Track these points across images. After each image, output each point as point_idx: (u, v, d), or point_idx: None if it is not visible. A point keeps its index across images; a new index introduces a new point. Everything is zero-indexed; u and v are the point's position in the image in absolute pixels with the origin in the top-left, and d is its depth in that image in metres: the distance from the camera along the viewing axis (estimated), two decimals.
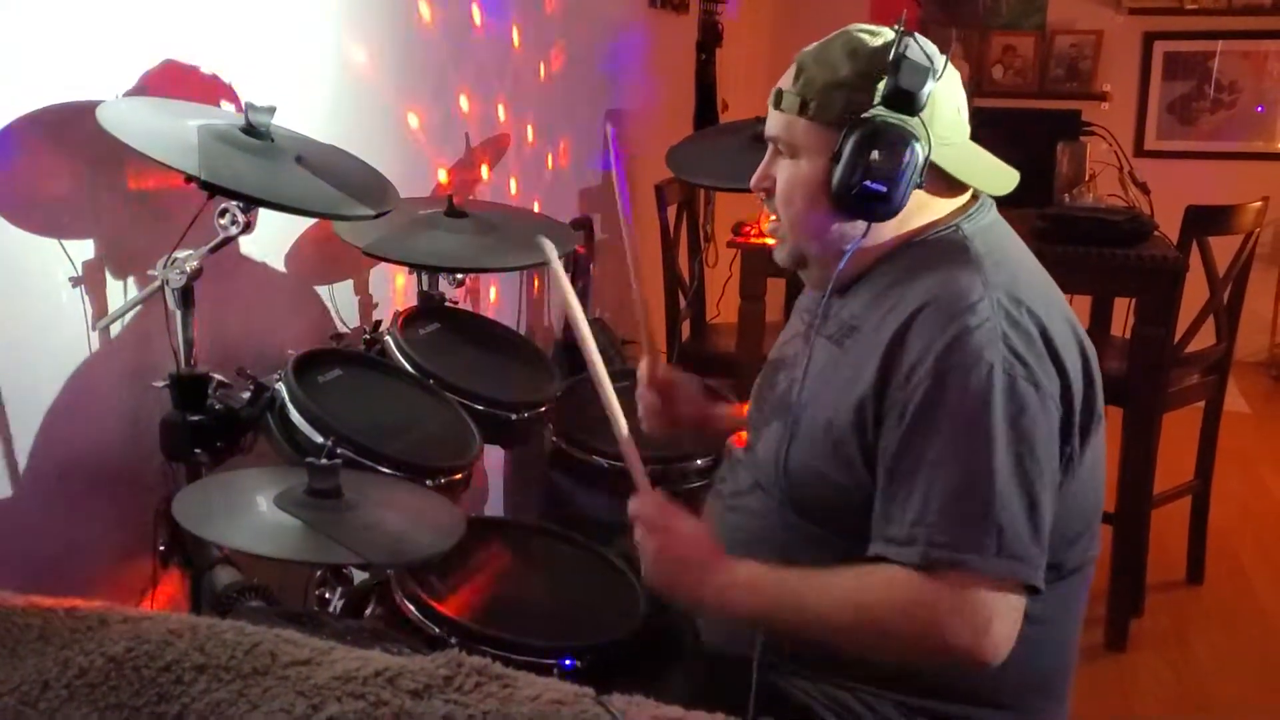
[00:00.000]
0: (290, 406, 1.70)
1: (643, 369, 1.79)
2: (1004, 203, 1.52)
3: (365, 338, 2.13)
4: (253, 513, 1.42)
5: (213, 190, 1.52)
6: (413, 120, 2.60)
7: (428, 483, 1.73)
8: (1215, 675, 3.02)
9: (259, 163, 1.61)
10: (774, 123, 1.48)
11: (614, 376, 2.39)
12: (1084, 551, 1.46)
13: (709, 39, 4.57)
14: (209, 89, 1.93)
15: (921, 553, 1.29)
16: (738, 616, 1.46)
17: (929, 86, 1.36)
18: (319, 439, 1.67)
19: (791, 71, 1.47)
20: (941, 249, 1.43)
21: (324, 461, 1.45)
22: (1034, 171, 1.54)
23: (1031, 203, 3.15)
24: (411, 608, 1.60)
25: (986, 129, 1.56)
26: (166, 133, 1.59)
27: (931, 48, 1.41)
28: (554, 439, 2.21)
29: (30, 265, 1.66)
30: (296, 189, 1.61)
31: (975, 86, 5.86)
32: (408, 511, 1.51)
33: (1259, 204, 3.21)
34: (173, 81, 1.83)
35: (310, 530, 1.38)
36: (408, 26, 2.56)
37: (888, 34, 1.42)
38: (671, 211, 3.65)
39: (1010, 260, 1.45)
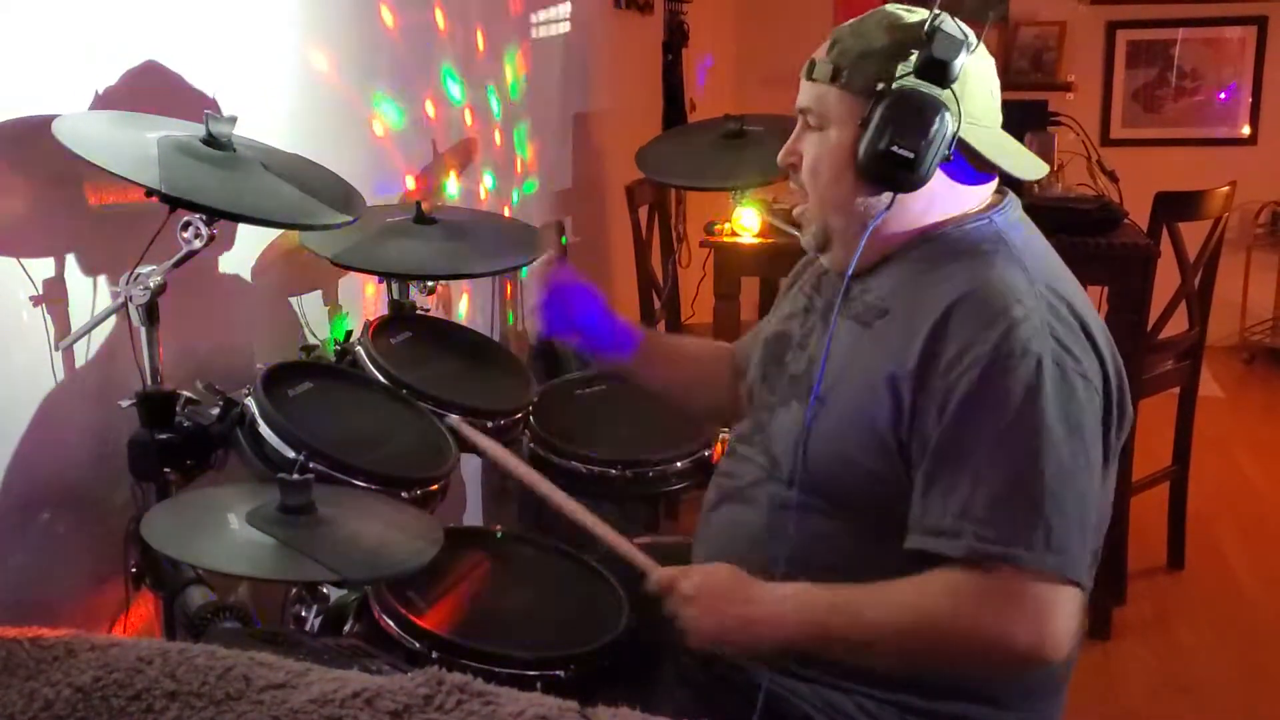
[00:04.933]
0: (260, 421, 1.67)
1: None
2: None
3: (337, 349, 2.09)
4: (224, 531, 1.38)
5: (174, 203, 1.49)
6: (378, 127, 2.57)
7: (404, 495, 1.70)
8: (1198, 660, 3.02)
9: (221, 174, 1.58)
10: (805, 93, 1.47)
11: (584, 381, 2.40)
12: (1096, 555, 1.45)
13: (675, 39, 4.56)
14: (169, 100, 1.89)
15: (967, 546, 1.28)
16: (793, 638, 1.39)
17: (962, 58, 1.35)
18: (291, 454, 1.64)
19: (826, 43, 1.46)
20: (977, 239, 1.42)
21: (296, 477, 1.42)
22: None
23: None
24: (390, 623, 1.57)
25: None
26: (125, 146, 1.56)
27: (967, 28, 1.40)
28: (530, 445, 2.18)
29: None
30: (260, 199, 1.58)
31: None
32: (384, 525, 1.48)
33: (1227, 188, 3.22)
34: (131, 94, 1.79)
35: (283, 547, 1.35)
36: (371, 32, 2.53)
37: (924, 12, 1.42)
38: (643, 212, 3.63)
39: (1043, 254, 1.44)
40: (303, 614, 1.47)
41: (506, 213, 3.22)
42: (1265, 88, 5.80)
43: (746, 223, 3.07)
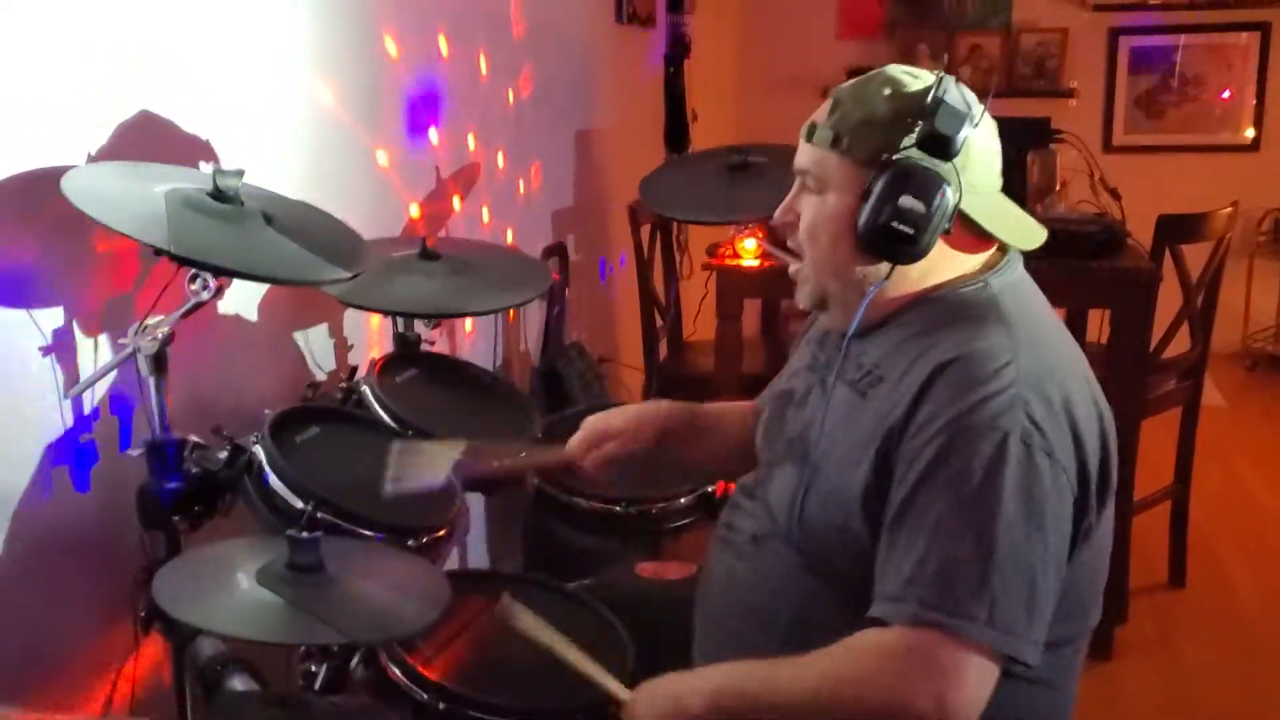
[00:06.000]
0: (269, 471, 1.68)
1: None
2: None
3: (342, 386, 2.10)
4: (234, 591, 1.40)
5: (182, 263, 1.50)
6: (382, 158, 2.58)
7: (410, 543, 1.72)
8: (1201, 680, 3.03)
9: (228, 229, 1.59)
10: (804, 156, 1.47)
11: (588, 413, 2.41)
12: (1093, 617, 1.46)
13: (677, 51, 4.56)
14: (176, 142, 1.90)
15: (912, 613, 1.28)
16: (716, 706, 1.39)
17: (965, 132, 1.35)
18: (299, 504, 1.65)
19: (827, 105, 1.46)
20: (970, 304, 1.42)
21: (304, 535, 1.43)
22: (1006, 183, 1.53)
23: None
24: (398, 672, 1.59)
25: None
26: (133, 202, 1.56)
27: (970, 95, 1.40)
28: (535, 480, 2.19)
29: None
30: (267, 256, 1.59)
31: None
32: (392, 581, 1.49)
33: (1229, 210, 3.22)
34: (138, 136, 1.81)
35: (293, 609, 1.36)
36: (375, 64, 2.54)
37: (927, 78, 1.41)
38: (645, 232, 3.64)
39: (1038, 322, 1.43)
40: (312, 669, 1.48)
41: (510, 236, 3.23)
42: (1269, 94, 5.79)
43: (748, 245, 3.08)
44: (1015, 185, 3.32)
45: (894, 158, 1.37)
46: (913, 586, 1.28)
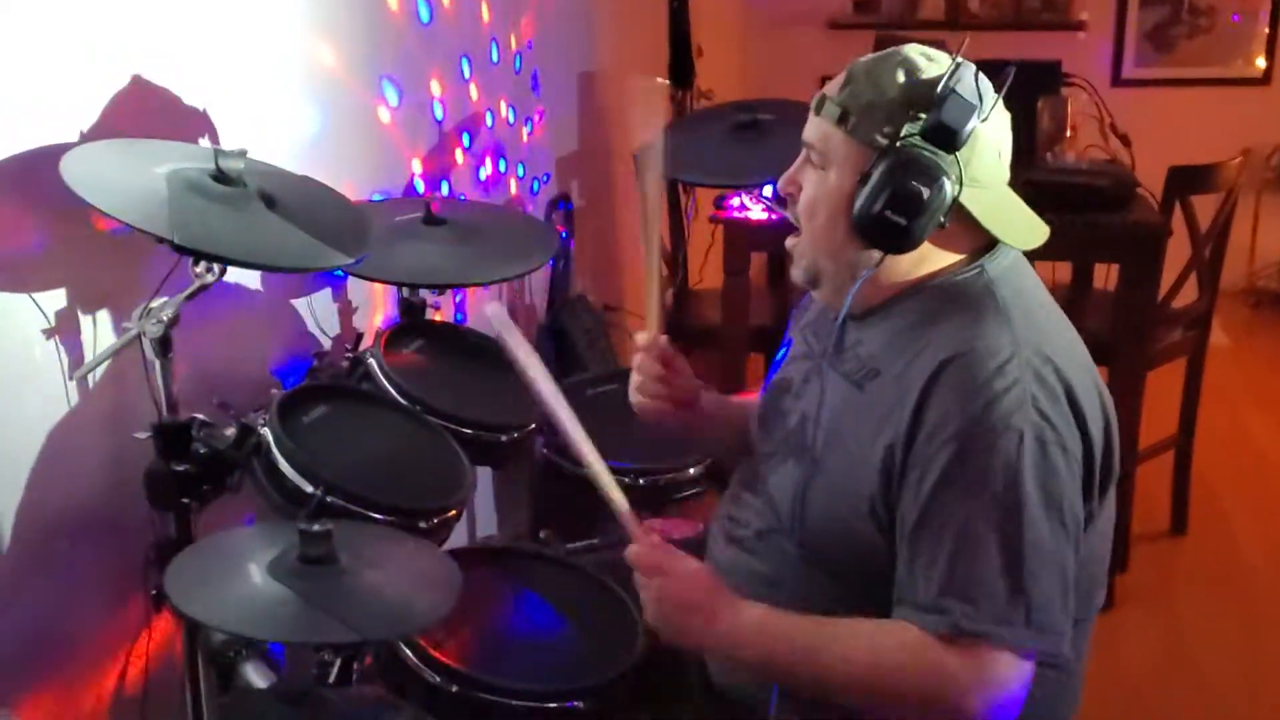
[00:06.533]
0: (277, 454, 1.68)
1: (646, 337, 1.73)
2: None
3: (348, 356, 2.09)
4: (247, 585, 1.40)
5: (186, 253, 1.48)
6: (384, 114, 2.53)
7: (421, 524, 1.72)
8: (1199, 629, 3.07)
9: (231, 215, 1.56)
10: (811, 129, 1.45)
11: (596, 380, 2.40)
12: (1098, 598, 1.47)
13: None
14: (175, 111, 1.87)
15: (951, 624, 1.28)
16: (745, 660, 1.44)
17: (971, 124, 1.32)
18: (308, 488, 1.65)
19: (840, 79, 1.43)
20: (966, 293, 1.40)
21: (315, 528, 1.43)
22: (1015, 128, 1.49)
23: (1014, 161, 3.11)
24: (410, 654, 1.60)
25: None
26: (134, 186, 1.54)
27: (985, 85, 1.37)
28: (544, 450, 2.19)
29: (2, 326, 1.62)
30: (270, 243, 1.56)
31: (952, 20, 5.78)
32: (403, 571, 1.49)
33: (1238, 160, 3.19)
34: (137, 103, 1.78)
35: (305, 604, 1.36)
36: (376, 16, 2.49)
37: (945, 63, 1.38)
38: None
39: (1035, 308, 1.42)
40: (326, 658, 1.49)
41: (513, 187, 3.19)
42: None
43: (756, 199, 3.04)
44: (1025, 133, 3.31)
45: (897, 144, 1.35)
46: (948, 598, 1.28)
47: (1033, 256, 1.49)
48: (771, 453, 1.55)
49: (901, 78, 1.38)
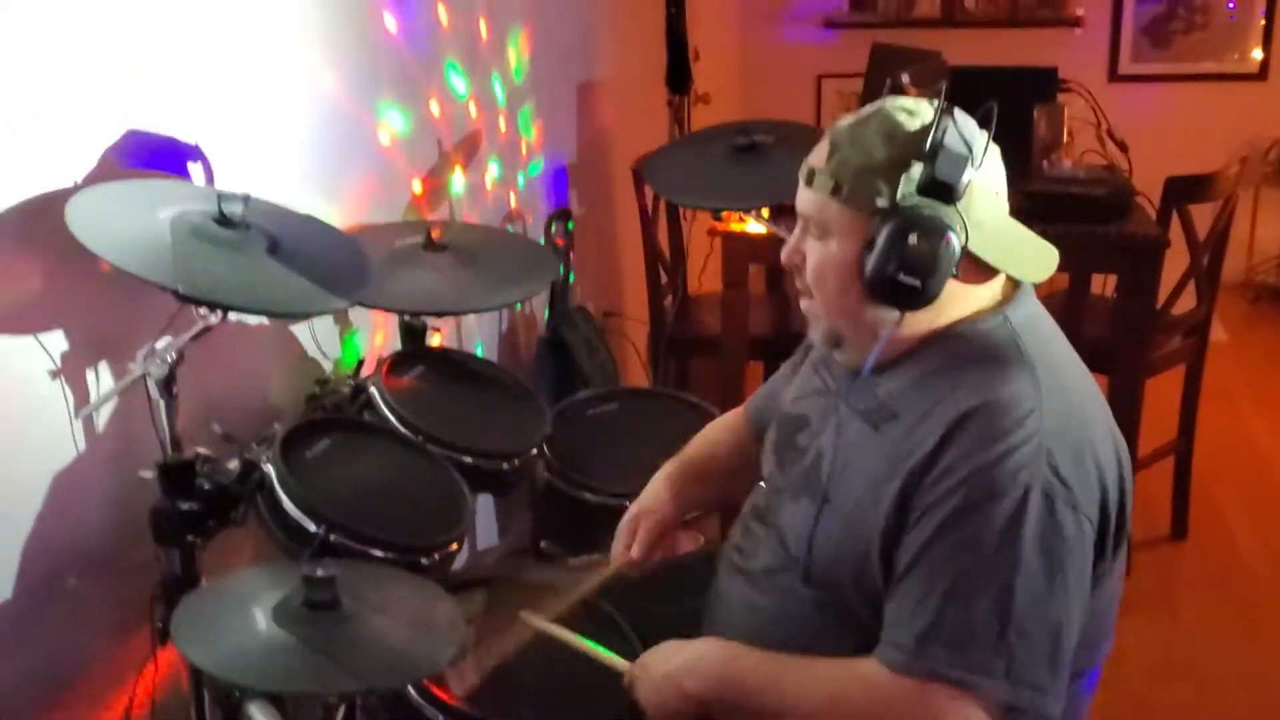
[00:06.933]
0: (281, 493, 1.69)
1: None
2: None
3: (350, 384, 2.10)
4: (251, 632, 1.41)
5: (190, 301, 1.50)
6: (384, 137, 2.55)
7: (423, 560, 1.73)
8: (1200, 634, 3.07)
9: (234, 260, 1.58)
10: (805, 201, 1.44)
11: (596, 400, 2.41)
12: (1104, 649, 1.48)
13: None
14: (178, 142, 1.88)
15: (929, 669, 1.28)
16: (711, 692, 1.43)
17: (967, 175, 1.32)
18: (312, 527, 1.67)
19: (824, 148, 1.42)
20: (990, 343, 1.39)
21: (319, 574, 1.44)
22: (1012, 137, 1.49)
23: (1010, 170, 3.11)
24: (414, 694, 1.60)
25: (965, 96, 1.44)
26: (139, 233, 1.56)
27: (972, 129, 1.36)
28: (546, 474, 2.20)
29: (8, 365, 1.64)
30: (272, 290, 1.58)
31: (948, 18, 5.78)
32: (407, 614, 1.50)
33: (1235, 168, 3.19)
34: (139, 138, 1.79)
35: (310, 652, 1.38)
36: (375, 39, 2.49)
37: (926, 113, 1.37)
38: (649, 190, 3.60)
39: (1058, 361, 1.41)
40: (331, 700, 1.50)
41: (513, 200, 3.20)
42: (1278, 12, 5.68)
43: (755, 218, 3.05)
44: (1021, 141, 3.32)
45: (895, 206, 1.34)
46: (931, 642, 1.28)
47: None
48: (784, 488, 1.55)
49: (886, 138, 1.37)
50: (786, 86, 5.92)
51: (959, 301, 1.42)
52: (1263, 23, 5.74)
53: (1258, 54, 5.73)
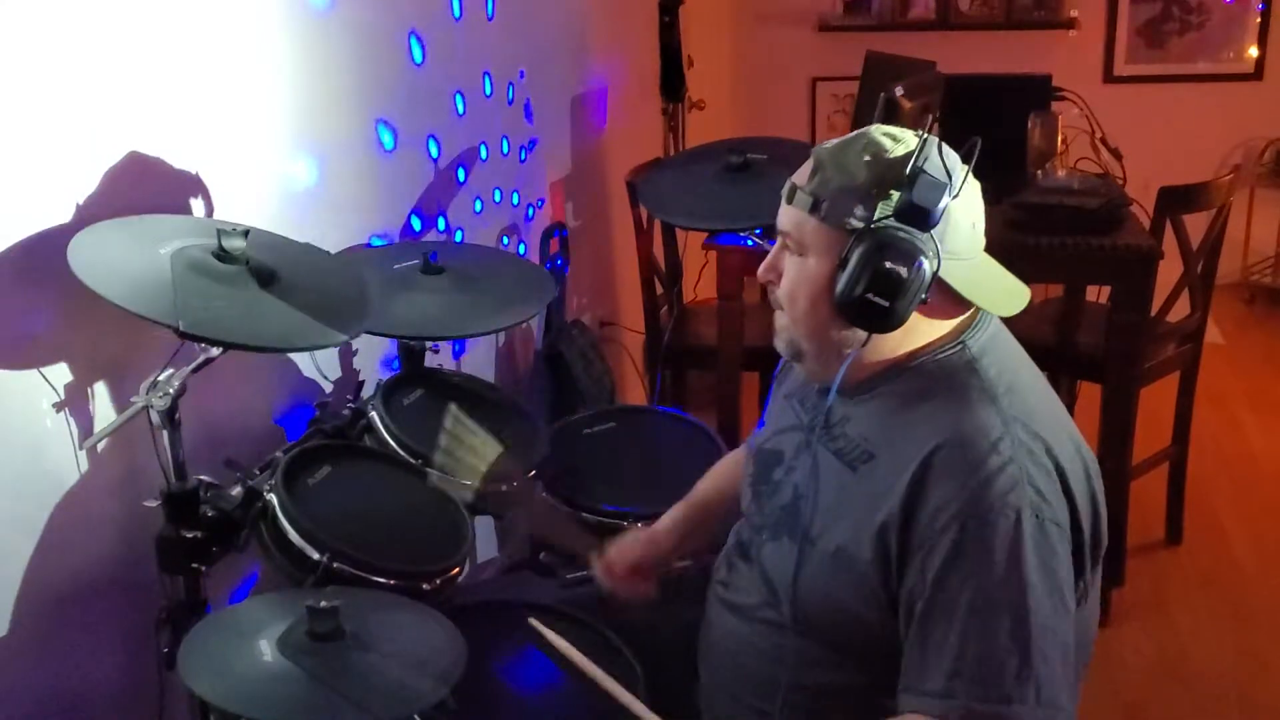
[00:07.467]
0: (284, 521, 1.72)
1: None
2: (979, 176, 1.45)
3: (349, 407, 2.12)
4: (257, 664, 1.44)
5: (190, 339, 1.52)
6: (379, 157, 2.56)
7: (425, 586, 1.76)
8: (1196, 639, 3.10)
9: (234, 295, 1.60)
10: (785, 218, 1.47)
11: (592, 419, 2.43)
12: (1084, 658, 1.48)
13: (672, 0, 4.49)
14: (174, 171, 1.90)
15: (963, 707, 1.29)
16: None
17: (944, 203, 1.35)
18: (314, 555, 1.69)
19: (808, 167, 1.45)
20: (952, 372, 1.43)
21: (322, 605, 1.47)
22: (1006, 146, 1.47)
23: (1005, 180, 3.13)
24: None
25: (959, 104, 1.43)
26: (140, 270, 1.58)
27: (953, 159, 1.38)
28: (544, 494, 2.22)
29: (13, 401, 1.66)
30: (272, 324, 1.60)
31: (943, 20, 5.79)
32: (409, 642, 1.53)
33: (1228, 177, 3.21)
34: (138, 168, 1.81)
35: (314, 684, 1.40)
36: (369, 63, 2.51)
37: (910, 141, 1.40)
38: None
39: (1019, 381, 1.44)
40: None
41: (508, 216, 3.22)
42: (1275, 12, 5.70)
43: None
44: (1016, 150, 3.34)
45: (872, 227, 1.37)
46: (958, 680, 1.30)
47: (1025, 278, 1.52)
48: (763, 525, 1.58)
49: (868, 161, 1.39)
50: (780, 90, 5.94)
51: (925, 329, 1.46)
52: (1258, 20, 5.75)
53: (1253, 52, 5.75)
